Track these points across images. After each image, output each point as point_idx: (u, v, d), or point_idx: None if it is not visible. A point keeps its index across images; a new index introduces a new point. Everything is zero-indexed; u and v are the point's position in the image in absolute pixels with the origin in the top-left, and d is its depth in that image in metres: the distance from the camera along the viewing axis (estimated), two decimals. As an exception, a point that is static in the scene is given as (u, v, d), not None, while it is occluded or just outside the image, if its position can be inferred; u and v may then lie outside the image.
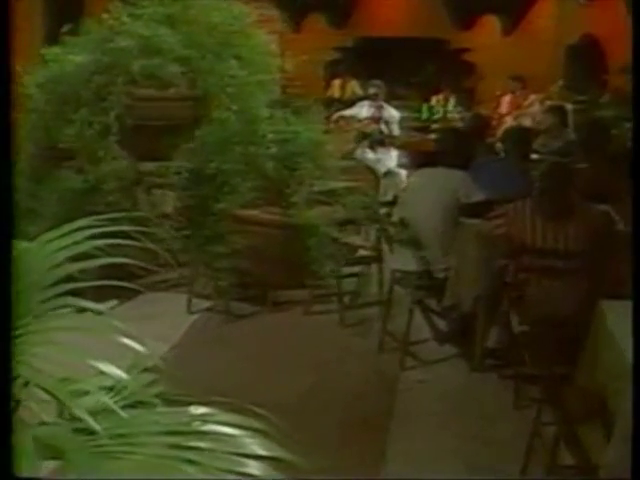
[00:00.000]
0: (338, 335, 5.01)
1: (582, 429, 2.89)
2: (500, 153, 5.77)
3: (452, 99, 10.07)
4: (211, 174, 5.26)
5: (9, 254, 1.53)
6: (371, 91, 8.50)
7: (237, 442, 1.42)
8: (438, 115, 9.88)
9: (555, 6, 11.61)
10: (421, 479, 3.30)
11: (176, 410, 1.51)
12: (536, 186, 4.04)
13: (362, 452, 3.55)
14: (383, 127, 8.30)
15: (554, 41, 11.10)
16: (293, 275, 5.37)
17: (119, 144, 5.31)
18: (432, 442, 3.66)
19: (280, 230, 5.27)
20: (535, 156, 6.05)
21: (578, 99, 9.49)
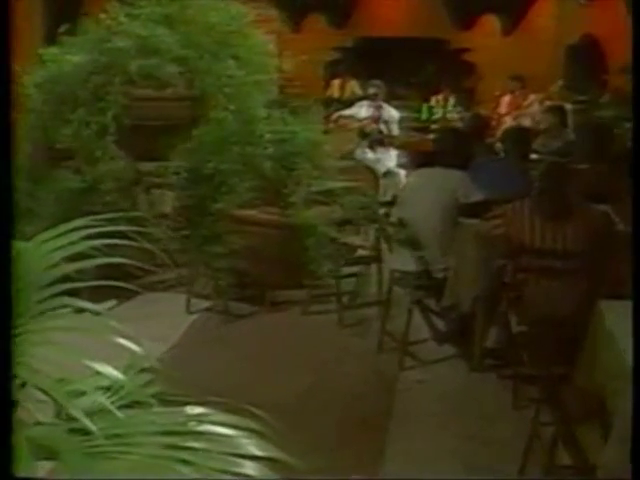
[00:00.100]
0: (337, 335, 5.00)
1: (580, 429, 2.89)
2: (499, 153, 5.77)
3: (452, 99, 10.06)
4: (208, 174, 5.25)
5: (9, 254, 1.52)
6: (370, 91, 8.49)
7: (233, 442, 1.42)
8: (438, 115, 9.87)
9: (555, 6, 11.61)
10: (420, 479, 3.30)
11: (172, 410, 1.51)
12: (535, 186, 4.04)
13: (361, 452, 3.55)
14: (382, 127, 8.29)
15: (554, 41, 11.10)
16: (291, 275, 5.37)
17: (116, 144, 5.31)
18: (431, 442, 3.66)
19: (278, 230, 5.27)
20: (535, 156, 6.04)
21: (578, 99, 9.49)
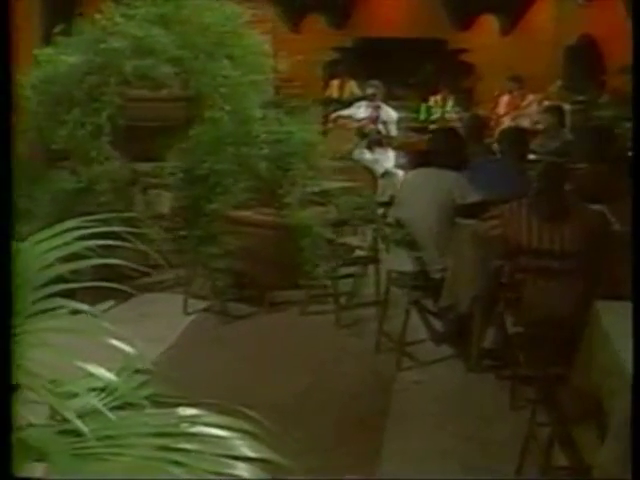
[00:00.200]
0: (335, 336, 5.00)
1: (576, 430, 2.89)
2: (497, 154, 5.76)
3: (450, 99, 10.05)
4: (204, 174, 5.24)
5: (9, 255, 1.52)
6: (369, 91, 8.46)
7: (226, 444, 1.41)
8: (436, 116, 9.86)
9: (554, 6, 11.62)
10: (417, 479, 3.30)
11: (164, 412, 1.51)
12: (533, 186, 4.04)
13: (358, 452, 3.55)
14: (381, 127, 8.27)
15: (552, 41, 11.11)
16: (286, 276, 5.36)
17: (112, 145, 5.30)
18: (428, 442, 3.65)
19: (273, 231, 5.27)
20: (533, 156, 6.04)
21: (576, 99, 9.50)
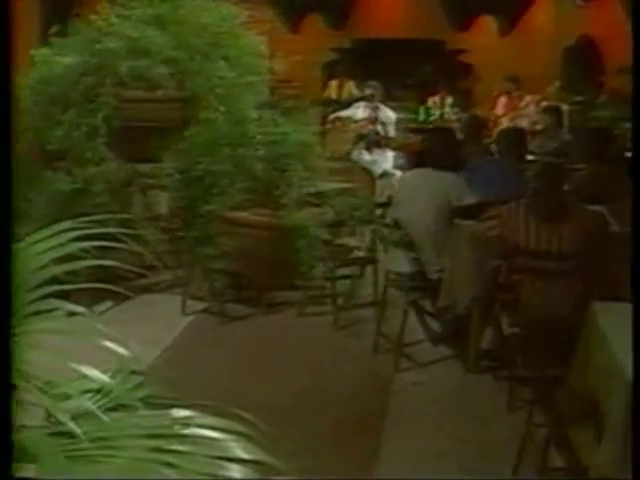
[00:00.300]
0: (332, 337, 5.00)
1: (573, 430, 2.89)
2: (496, 154, 5.75)
3: (449, 100, 10.04)
4: (199, 176, 5.23)
5: (9, 256, 1.52)
6: (367, 92, 8.45)
7: (219, 445, 1.41)
8: (435, 116, 9.86)
9: (552, 7, 11.62)
10: (414, 479, 3.30)
11: (158, 413, 1.51)
12: (530, 187, 4.03)
13: (356, 453, 3.55)
14: (379, 128, 8.27)
15: (551, 42, 11.11)
16: (283, 277, 5.36)
17: (107, 146, 5.29)
18: (425, 443, 3.65)
19: (269, 232, 5.26)
20: (531, 157, 6.04)
21: (575, 100, 9.50)
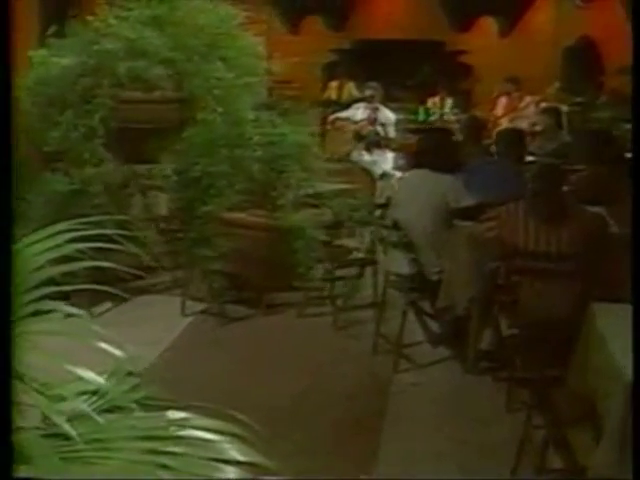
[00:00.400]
0: (332, 338, 4.99)
1: (571, 432, 2.89)
2: (495, 155, 5.75)
3: (449, 101, 10.05)
4: (197, 177, 5.23)
5: (9, 257, 1.52)
6: (367, 93, 8.45)
7: (215, 447, 1.41)
8: (434, 117, 9.87)
9: (552, 8, 11.62)
10: (413, 480, 3.31)
11: (153, 415, 1.51)
12: (529, 188, 4.03)
13: (355, 453, 3.54)
14: (379, 129, 8.27)
15: (551, 43, 11.11)
16: (280, 278, 5.36)
17: (105, 147, 5.28)
18: (425, 444, 3.65)
19: (266, 233, 5.26)
20: (531, 158, 6.03)
21: (575, 101, 9.49)
